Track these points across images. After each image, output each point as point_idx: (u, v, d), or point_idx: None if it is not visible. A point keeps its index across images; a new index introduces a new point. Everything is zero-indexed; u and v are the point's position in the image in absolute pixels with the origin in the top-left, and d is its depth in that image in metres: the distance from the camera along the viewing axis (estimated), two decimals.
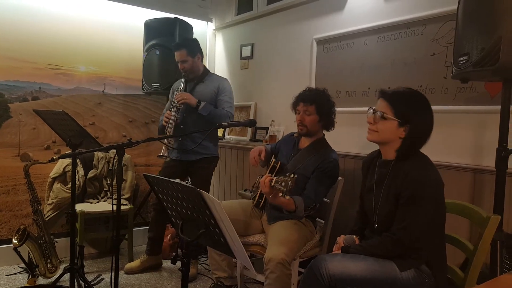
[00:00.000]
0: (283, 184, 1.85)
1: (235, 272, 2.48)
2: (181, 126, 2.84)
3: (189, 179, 3.11)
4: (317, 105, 2.29)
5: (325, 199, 2.52)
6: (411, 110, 1.63)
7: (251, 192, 2.50)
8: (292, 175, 1.85)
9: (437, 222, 1.63)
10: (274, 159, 2.43)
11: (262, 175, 2.33)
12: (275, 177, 1.92)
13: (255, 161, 2.42)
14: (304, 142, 2.42)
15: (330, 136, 2.89)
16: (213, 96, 2.90)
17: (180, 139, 2.90)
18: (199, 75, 2.94)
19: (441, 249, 1.67)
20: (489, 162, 2.00)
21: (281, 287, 1.98)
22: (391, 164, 1.70)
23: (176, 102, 2.79)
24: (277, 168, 2.35)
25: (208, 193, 1.35)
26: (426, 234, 1.60)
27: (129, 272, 3.04)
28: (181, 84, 2.92)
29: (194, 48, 2.87)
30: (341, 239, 1.85)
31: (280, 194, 1.89)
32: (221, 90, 2.91)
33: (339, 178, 2.47)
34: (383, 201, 1.71)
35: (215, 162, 3.02)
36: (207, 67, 3.09)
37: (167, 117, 2.82)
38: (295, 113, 2.41)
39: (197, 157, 2.90)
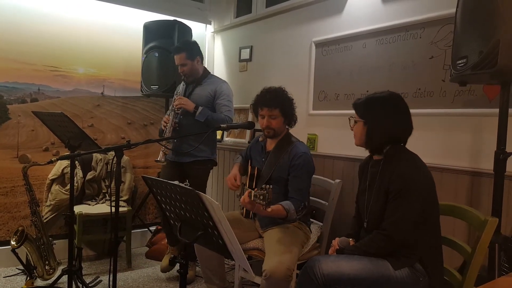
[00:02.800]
0: (261, 197, 1.82)
1: (227, 283, 2.49)
2: (177, 128, 2.83)
3: (187, 181, 3.10)
4: (281, 107, 2.30)
5: (323, 202, 2.52)
6: (367, 108, 1.75)
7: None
8: (268, 186, 1.82)
9: (429, 220, 1.64)
10: (250, 166, 2.43)
11: (245, 184, 2.38)
12: (252, 192, 1.88)
13: (235, 187, 2.39)
14: (271, 144, 2.42)
15: (330, 139, 2.91)
16: (209, 99, 2.86)
17: (175, 140, 2.89)
18: (198, 78, 2.93)
19: (436, 248, 1.68)
20: (487, 165, 2.01)
21: None
22: (381, 163, 1.74)
23: (174, 106, 2.79)
24: (255, 175, 2.36)
25: None
26: (417, 230, 1.61)
27: (166, 270, 3.02)
28: (180, 87, 2.91)
29: (193, 51, 2.86)
30: (336, 242, 1.86)
31: (262, 208, 1.86)
32: (218, 93, 2.86)
33: (338, 180, 2.48)
34: (374, 200, 1.73)
35: (210, 165, 2.98)
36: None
37: (165, 122, 2.81)
38: (257, 117, 2.40)
39: (190, 159, 2.87)
